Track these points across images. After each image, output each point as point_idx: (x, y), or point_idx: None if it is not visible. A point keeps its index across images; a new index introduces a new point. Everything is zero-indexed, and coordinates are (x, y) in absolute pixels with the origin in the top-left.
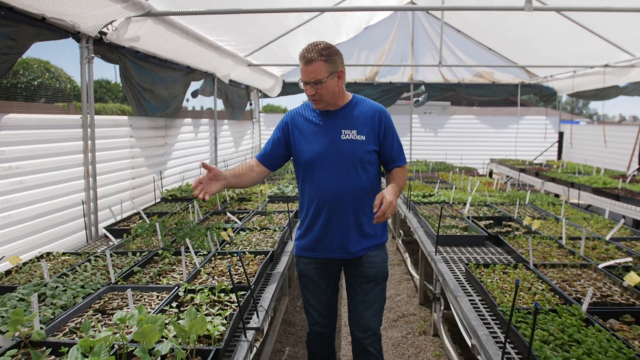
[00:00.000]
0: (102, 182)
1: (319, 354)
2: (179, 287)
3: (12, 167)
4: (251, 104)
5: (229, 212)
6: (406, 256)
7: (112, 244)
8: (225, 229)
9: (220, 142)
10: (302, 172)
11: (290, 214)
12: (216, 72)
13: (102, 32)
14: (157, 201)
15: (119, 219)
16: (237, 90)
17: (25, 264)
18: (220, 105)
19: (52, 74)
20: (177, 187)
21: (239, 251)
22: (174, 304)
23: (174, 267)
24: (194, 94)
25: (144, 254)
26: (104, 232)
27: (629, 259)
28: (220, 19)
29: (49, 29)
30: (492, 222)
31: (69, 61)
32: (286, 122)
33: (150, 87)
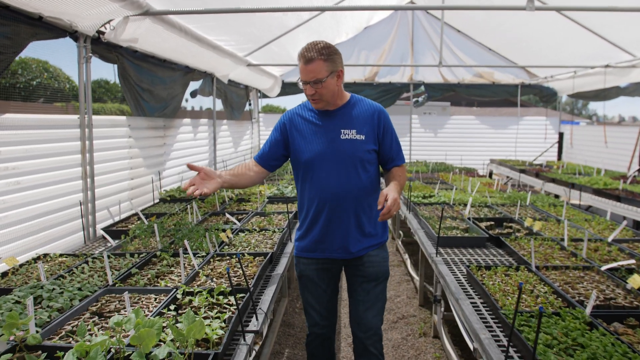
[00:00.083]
0: (100, 183)
1: (318, 356)
2: (177, 290)
3: (8, 168)
4: (250, 104)
5: (228, 213)
6: (406, 257)
7: (110, 245)
8: (224, 230)
9: (219, 142)
10: (302, 173)
11: (289, 215)
12: (215, 72)
13: (100, 32)
14: (156, 202)
15: (117, 219)
16: (236, 90)
17: (22, 266)
18: (219, 105)
19: (50, 73)
20: (175, 187)
21: (237, 253)
22: (172, 306)
23: (172, 268)
24: (193, 94)
25: (142, 256)
26: (102, 233)
27: (632, 261)
28: (219, 18)
29: (46, 28)
30: (492, 223)
31: (67, 61)
32: (284, 122)
33: (148, 87)
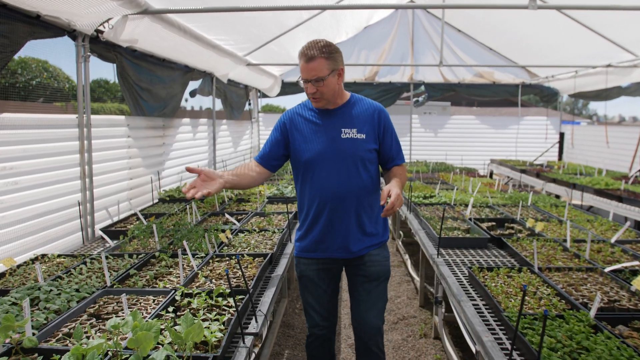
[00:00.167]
0: (98, 183)
1: (318, 357)
2: (175, 291)
3: (6, 168)
4: (250, 104)
5: (227, 214)
6: (406, 257)
7: (109, 245)
8: (223, 231)
9: (218, 142)
10: (302, 172)
11: (289, 215)
12: (215, 71)
13: (98, 31)
14: (155, 202)
15: (115, 220)
16: (235, 89)
17: (19, 266)
18: (218, 105)
19: (50, 73)
20: (175, 187)
21: (237, 254)
22: (171, 308)
23: (171, 269)
24: (192, 93)
25: (140, 257)
26: (101, 234)
27: (636, 262)
28: (218, 17)
29: (44, 26)
30: (494, 223)
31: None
32: (284, 122)
33: (147, 86)
